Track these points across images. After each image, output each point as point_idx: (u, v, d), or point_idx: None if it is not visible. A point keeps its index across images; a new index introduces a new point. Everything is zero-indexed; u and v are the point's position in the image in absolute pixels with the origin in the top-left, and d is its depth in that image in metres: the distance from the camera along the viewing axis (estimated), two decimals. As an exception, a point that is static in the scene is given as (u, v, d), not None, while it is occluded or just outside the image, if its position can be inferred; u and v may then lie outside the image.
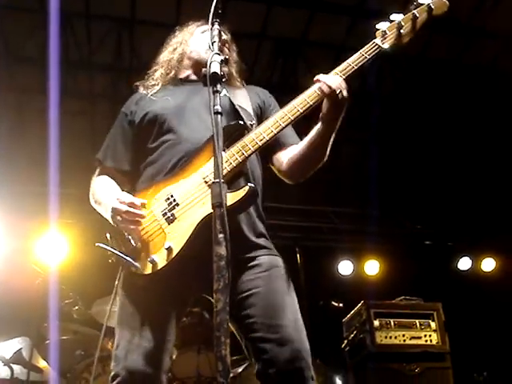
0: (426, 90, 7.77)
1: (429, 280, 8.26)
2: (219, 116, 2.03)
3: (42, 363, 5.30)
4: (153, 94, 2.73)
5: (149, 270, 2.30)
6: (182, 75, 2.83)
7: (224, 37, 2.64)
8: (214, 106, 2.04)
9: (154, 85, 2.78)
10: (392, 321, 5.63)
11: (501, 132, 8.11)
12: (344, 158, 7.89)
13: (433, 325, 5.69)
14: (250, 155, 2.39)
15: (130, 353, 2.33)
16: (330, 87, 2.34)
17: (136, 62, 6.98)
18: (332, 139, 2.48)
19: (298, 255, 7.70)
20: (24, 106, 7.46)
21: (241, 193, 2.31)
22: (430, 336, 5.61)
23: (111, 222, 2.40)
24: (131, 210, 2.33)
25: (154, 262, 2.30)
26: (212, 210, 1.93)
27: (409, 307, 5.85)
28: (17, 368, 5.21)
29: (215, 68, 2.09)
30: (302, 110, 2.40)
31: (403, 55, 7.28)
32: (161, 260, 2.30)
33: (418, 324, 5.67)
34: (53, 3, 5.86)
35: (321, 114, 2.42)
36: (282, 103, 2.54)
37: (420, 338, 5.60)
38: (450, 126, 8.05)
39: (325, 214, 8.50)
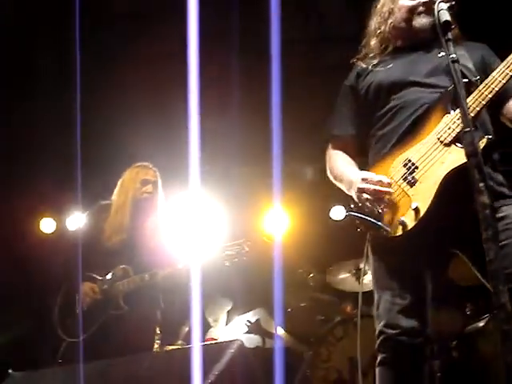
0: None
1: None
2: (456, 64, 2.00)
3: (279, 331, 5.51)
4: (373, 65, 2.74)
5: (399, 231, 2.37)
6: (399, 44, 2.76)
7: None
8: (449, 54, 2.01)
9: (372, 57, 2.77)
10: None
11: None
12: None
13: None
14: (487, 102, 2.34)
15: (392, 311, 2.43)
16: None
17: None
18: None
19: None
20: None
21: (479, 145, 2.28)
22: None
23: (355, 198, 2.50)
24: (379, 188, 2.42)
25: (403, 224, 2.37)
26: (452, 166, 2.29)
27: None
28: (254, 337, 5.47)
29: (445, 16, 2.07)
30: None
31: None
32: (410, 221, 2.36)
33: None
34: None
35: None
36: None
37: None
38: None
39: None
